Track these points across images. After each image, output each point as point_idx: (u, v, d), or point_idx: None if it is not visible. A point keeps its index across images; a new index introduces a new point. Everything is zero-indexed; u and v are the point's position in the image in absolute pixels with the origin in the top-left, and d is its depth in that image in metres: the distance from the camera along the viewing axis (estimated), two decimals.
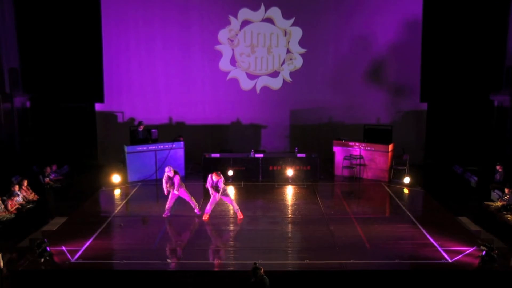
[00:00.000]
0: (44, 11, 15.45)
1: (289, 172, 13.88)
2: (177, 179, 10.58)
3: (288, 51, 16.33)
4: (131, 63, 16.25)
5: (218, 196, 10.36)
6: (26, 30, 15.57)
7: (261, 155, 14.16)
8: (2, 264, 8.43)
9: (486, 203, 11.49)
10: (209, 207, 10.59)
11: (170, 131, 15.68)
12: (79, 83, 15.92)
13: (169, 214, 10.87)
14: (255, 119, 16.63)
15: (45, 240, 8.78)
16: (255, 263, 7.33)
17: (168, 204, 10.85)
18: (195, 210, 10.88)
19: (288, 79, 16.47)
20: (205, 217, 10.63)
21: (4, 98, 14.79)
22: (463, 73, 15.75)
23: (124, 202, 12.14)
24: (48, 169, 13.53)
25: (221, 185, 10.31)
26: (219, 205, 11.11)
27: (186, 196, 10.80)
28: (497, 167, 12.87)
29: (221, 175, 10.41)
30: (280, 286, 7.81)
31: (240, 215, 10.70)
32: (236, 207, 10.75)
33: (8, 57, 15.11)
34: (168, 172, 10.58)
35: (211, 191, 10.42)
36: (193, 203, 10.88)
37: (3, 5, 14.93)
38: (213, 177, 10.33)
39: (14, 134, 15.18)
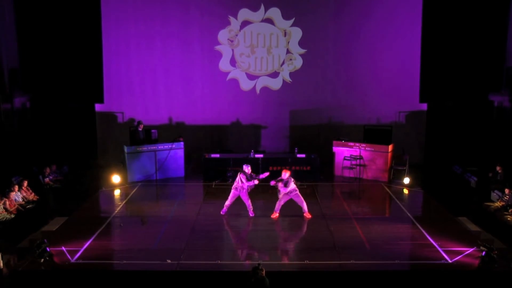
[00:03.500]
0: (44, 11, 15.41)
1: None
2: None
3: (288, 52, 16.33)
4: (131, 64, 16.25)
5: (288, 190, 10.56)
6: (26, 30, 15.55)
7: (261, 156, 14.15)
8: (2, 264, 8.43)
9: (486, 203, 11.50)
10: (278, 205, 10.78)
11: (170, 132, 15.69)
12: (79, 84, 15.90)
13: (226, 210, 10.92)
14: (255, 119, 16.63)
15: (45, 240, 8.77)
16: (258, 264, 7.32)
17: (228, 202, 10.87)
18: (250, 213, 10.87)
19: (288, 79, 16.47)
20: (275, 215, 10.75)
21: (4, 98, 14.76)
22: (463, 73, 15.72)
23: (124, 202, 12.13)
24: (48, 170, 13.52)
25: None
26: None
27: (246, 199, 10.80)
28: (497, 168, 12.88)
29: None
30: (280, 286, 7.80)
31: (308, 215, 10.80)
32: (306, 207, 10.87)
33: (8, 57, 15.08)
34: (246, 169, 10.60)
35: (281, 188, 10.58)
36: (249, 205, 10.87)
37: (3, 5, 14.89)
38: (286, 174, 10.51)
39: (14, 134, 15.16)
